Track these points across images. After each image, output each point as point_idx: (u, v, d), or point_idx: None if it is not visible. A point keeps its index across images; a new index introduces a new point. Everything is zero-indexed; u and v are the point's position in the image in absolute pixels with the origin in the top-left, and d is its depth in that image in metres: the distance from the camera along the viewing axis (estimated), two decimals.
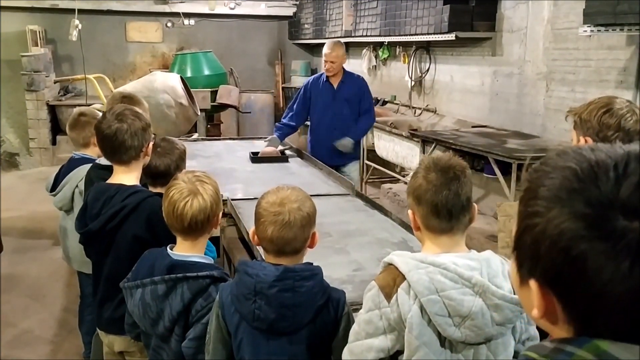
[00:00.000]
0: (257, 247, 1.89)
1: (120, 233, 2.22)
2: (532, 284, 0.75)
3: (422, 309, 1.47)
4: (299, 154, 4.92)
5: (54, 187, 3.28)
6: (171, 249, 2.00)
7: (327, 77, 5.01)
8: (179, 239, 2.00)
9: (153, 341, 2.03)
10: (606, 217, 0.67)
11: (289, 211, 1.71)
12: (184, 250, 1.98)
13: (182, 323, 1.90)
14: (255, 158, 4.65)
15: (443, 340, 1.50)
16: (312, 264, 1.80)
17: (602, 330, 0.69)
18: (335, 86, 5.01)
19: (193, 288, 1.88)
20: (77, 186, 3.13)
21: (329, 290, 1.77)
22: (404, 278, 1.50)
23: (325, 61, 4.91)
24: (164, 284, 1.89)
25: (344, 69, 5.05)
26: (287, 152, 4.91)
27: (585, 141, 1.91)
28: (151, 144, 2.34)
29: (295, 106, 5.15)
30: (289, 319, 1.69)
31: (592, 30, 4.16)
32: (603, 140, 1.87)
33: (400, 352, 1.54)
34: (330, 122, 5.00)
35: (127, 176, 2.29)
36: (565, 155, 0.74)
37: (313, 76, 5.25)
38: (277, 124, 5.29)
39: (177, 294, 1.88)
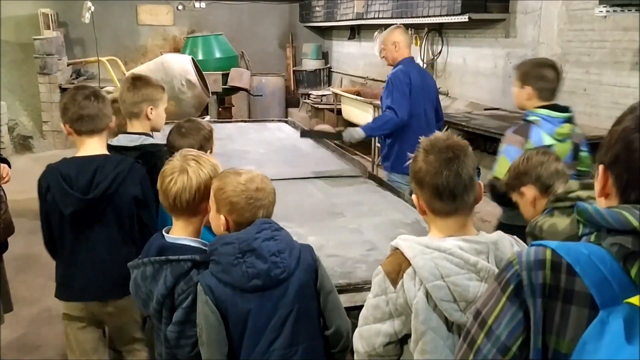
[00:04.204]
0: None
1: (118, 197, 2.39)
2: (600, 167, 1.04)
3: (427, 294, 1.47)
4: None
5: None
6: (167, 232, 1.99)
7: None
8: (173, 220, 2.00)
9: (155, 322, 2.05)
10: None
11: (268, 194, 1.86)
12: (176, 231, 1.98)
13: (169, 306, 1.90)
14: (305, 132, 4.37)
15: (450, 325, 1.50)
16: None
17: (633, 196, 0.98)
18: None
19: (175, 272, 1.87)
20: None
21: (296, 241, 1.89)
22: (409, 263, 1.50)
23: None
24: (151, 266, 1.90)
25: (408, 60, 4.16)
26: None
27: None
28: (114, 120, 2.54)
29: None
30: (280, 265, 1.76)
31: (607, 11, 4.11)
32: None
33: (409, 335, 1.54)
34: None
35: (101, 146, 2.49)
36: None
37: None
38: None
39: (161, 277, 1.88)
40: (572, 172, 2.78)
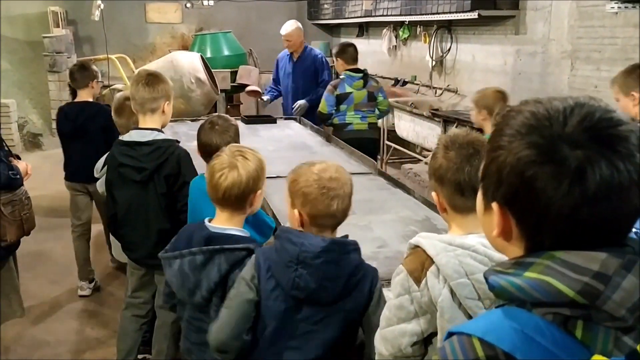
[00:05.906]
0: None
1: (93, 125, 4.19)
2: (494, 205, 0.88)
3: (452, 292, 1.45)
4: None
5: None
6: (209, 222, 2.04)
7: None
8: (217, 211, 2.05)
9: (187, 312, 2.08)
10: (554, 146, 0.80)
11: (343, 185, 1.78)
12: (220, 222, 2.03)
13: (220, 293, 1.95)
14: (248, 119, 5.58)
15: None
16: (347, 236, 1.83)
17: (547, 241, 0.83)
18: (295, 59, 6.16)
19: (230, 259, 1.93)
20: None
21: (365, 265, 1.81)
22: (432, 261, 1.48)
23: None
24: (202, 255, 1.95)
25: (306, 46, 6.17)
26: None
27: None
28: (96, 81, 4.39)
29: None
30: (329, 290, 1.72)
31: (619, 7, 4.09)
32: None
33: (434, 334, 1.52)
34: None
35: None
36: (527, 103, 0.89)
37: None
38: None
39: (214, 264, 1.93)
40: (370, 109, 5.06)
